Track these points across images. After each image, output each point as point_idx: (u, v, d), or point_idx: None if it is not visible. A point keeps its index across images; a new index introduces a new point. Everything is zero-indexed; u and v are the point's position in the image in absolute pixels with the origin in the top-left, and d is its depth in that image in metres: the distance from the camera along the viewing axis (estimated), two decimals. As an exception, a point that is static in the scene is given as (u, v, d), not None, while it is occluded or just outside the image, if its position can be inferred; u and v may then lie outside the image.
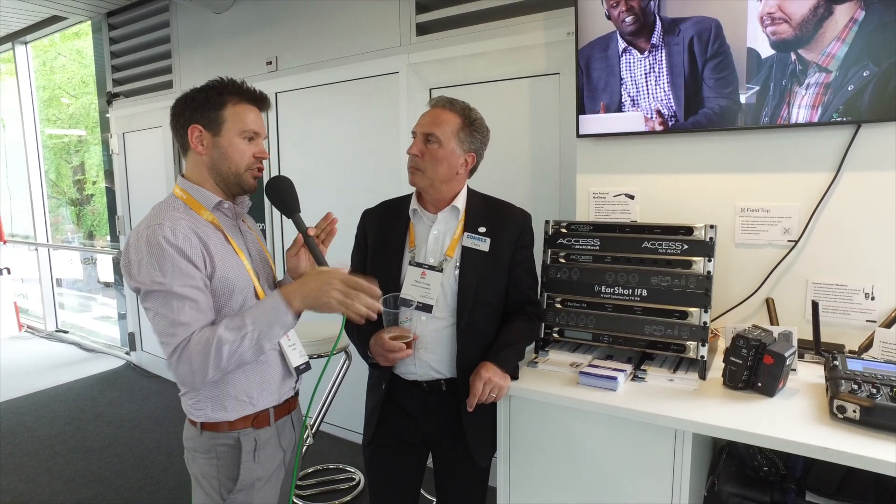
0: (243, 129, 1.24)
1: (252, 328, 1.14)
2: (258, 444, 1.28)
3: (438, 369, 1.46)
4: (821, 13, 1.49)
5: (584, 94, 1.89)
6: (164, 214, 1.18)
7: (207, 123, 1.23)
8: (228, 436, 1.26)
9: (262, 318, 1.15)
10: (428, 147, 1.43)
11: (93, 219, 6.72)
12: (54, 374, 4.43)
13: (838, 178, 1.58)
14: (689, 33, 1.67)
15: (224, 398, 1.24)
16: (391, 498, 1.57)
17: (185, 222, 1.18)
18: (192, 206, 1.24)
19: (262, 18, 3.24)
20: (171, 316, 1.12)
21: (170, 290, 1.12)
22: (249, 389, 1.27)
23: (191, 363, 1.11)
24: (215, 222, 1.25)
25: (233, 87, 1.25)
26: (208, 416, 1.25)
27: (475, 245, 1.46)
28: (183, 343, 1.12)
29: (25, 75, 5.25)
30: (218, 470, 1.27)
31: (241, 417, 1.26)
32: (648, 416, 1.24)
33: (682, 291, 1.46)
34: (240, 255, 1.27)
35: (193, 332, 1.13)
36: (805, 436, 1.10)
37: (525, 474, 1.45)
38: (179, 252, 1.14)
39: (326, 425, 3.16)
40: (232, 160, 1.25)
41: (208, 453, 1.27)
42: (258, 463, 1.29)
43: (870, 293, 1.56)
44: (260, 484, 1.29)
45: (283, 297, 1.16)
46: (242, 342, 1.13)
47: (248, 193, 1.32)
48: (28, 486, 2.76)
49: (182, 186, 1.27)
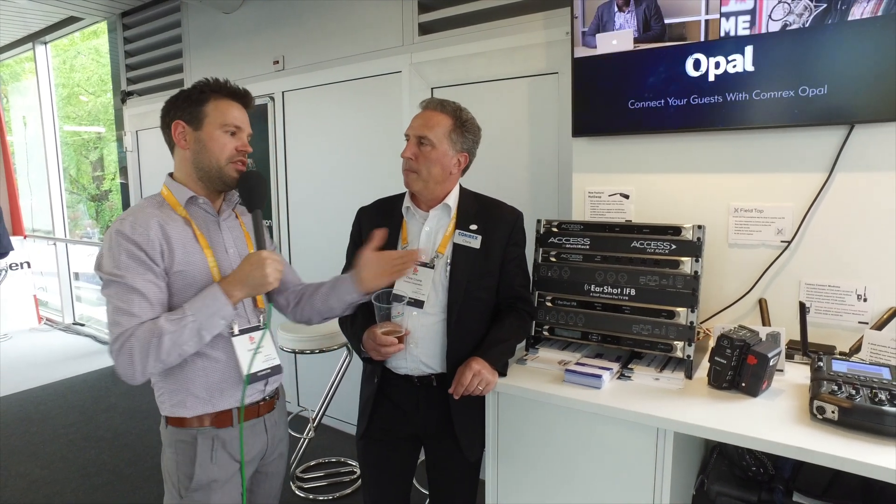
0: (224, 123, 1.27)
1: (192, 318, 1.16)
2: (215, 444, 1.27)
3: (429, 364, 1.49)
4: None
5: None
6: (136, 209, 1.23)
7: (189, 119, 1.27)
8: (188, 432, 1.27)
9: (201, 308, 1.18)
10: (421, 149, 1.46)
11: (110, 214, 6.88)
12: (70, 365, 4.56)
13: (831, 178, 1.58)
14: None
15: (183, 394, 1.26)
16: (383, 489, 1.61)
17: (154, 217, 1.22)
18: (169, 201, 1.29)
19: (269, 19, 3.29)
20: (121, 306, 1.15)
21: (122, 281, 1.15)
22: (209, 387, 1.27)
23: (131, 354, 1.12)
24: (187, 217, 1.28)
25: (215, 85, 1.29)
26: (169, 411, 1.28)
27: (466, 242, 1.49)
28: (126, 333, 1.13)
29: (45, 74, 5.38)
30: (177, 466, 1.27)
31: (199, 415, 1.26)
32: (631, 415, 1.26)
33: (670, 291, 1.47)
34: (206, 251, 1.28)
35: (138, 324, 1.15)
36: (782, 436, 1.11)
37: (513, 469, 1.48)
38: (136, 245, 1.17)
39: (328, 419, 3.21)
40: (212, 153, 1.27)
41: (170, 448, 1.29)
42: (215, 464, 1.27)
43: (862, 295, 1.56)
44: (217, 485, 1.27)
45: (221, 288, 1.20)
46: (182, 332, 1.15)
47: (230, 188, 1.33)
48: (43, 473, 2.86)
49: (166, 183, 1.32)
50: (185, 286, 1.23)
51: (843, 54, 1.49)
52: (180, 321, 1.15)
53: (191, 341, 1.17)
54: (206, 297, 1.20)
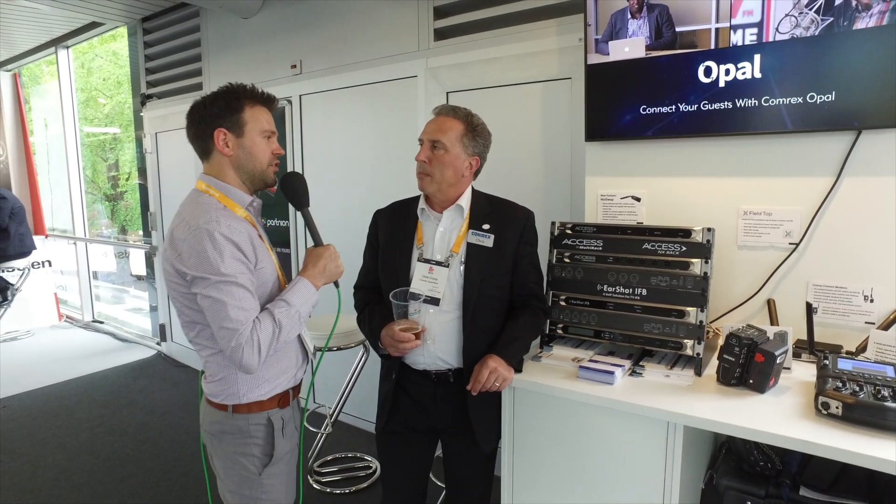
0: (262, 129, 1.37)
1: (296, 309, 1.32)
2: (284, 421, 1.43)
3: (446, 359, 1.55)
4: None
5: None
6: (213, 212, 1.28)
7: (231, 126, 1.34)
8: (261, 416, 1.39)
9: (299, 299, 1.33)
10: (435, 153, 1.52)
11: (125, 214, 7.01)
12: (91, 361, 4.68)
13: (839, 182, 1.62)
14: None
15: (258, 381, 1.37)
16: (401, 483, 1.68)
17: (234, 219, 1.31)
18: (227, 204, 1.35)
19: (286, 24, 3.37)
20: (235, 304, 1.24)
21: (233, 280, 1.24)
22: (277, 373, 1.41)
23: (259, 347, 1.25)
24: (249, 219, 1.37)
25: (246, 92, 1.37)
26: (240, 399, 1.37)
27: (480, 241, 1.55)
28: (248, 328, 1.24)
29: (66, 77, 5.52)
30: (254, 448, 1.39)
31: (270, 398, 1.39)
32: (641, 409, 1.32)
33: (680, 291, 1.52)
34: (269, 249, 1.40)
35: (255, 319, 1.27)
36: (787, 430, 1.16)
37: (528, 462, 1.54)
38: (236, 246, 1.27)
39: (345, 415, 3.28)
40: (257, 158, 1.38)
41: (242, 433, 1.38)
42: (286, 438, 1.43)
43: (869, 295, 1.60)
44: (288, 457, 1.44)
45: (309, 280, 1.37)
46: (292, 322, 1.31)
47: (270, 187, 1.45)
48: (71, 464, 2.96)
49: (212, 185, 1.36)
50: (261, 283, 1.34)
51: (850, 62, 1.53)
52: (288, 312, 1.30)
53: (294, 329, 1.33)
54: (300, 289, 1.35)
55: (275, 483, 1.41)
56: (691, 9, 1.75)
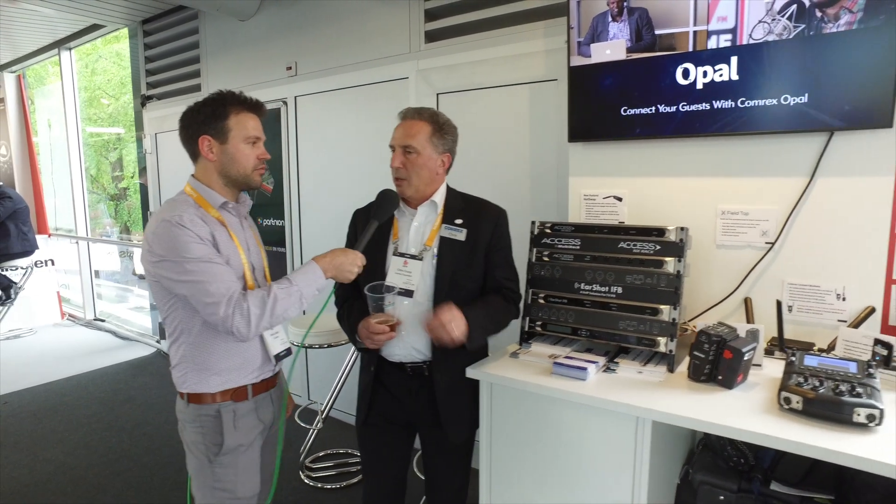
0: (247, 136, 1.42)
1: (297, 288, 1.37)
2: (237, 415, 1.45)
3: (420, 350, 1.59)
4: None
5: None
6: (178, 207, 1.37)
7: (215, 133, 1.40)
8: (211, 407, 1.43)
9: (303, 280, 1.39)
10: (408, 158, 1.56)
11: (129, 213, 7.09)
12: (92, 359, 4.75)
13: (812, 183, 1.65)
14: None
15: (206, 373, 1.42)
16: (381, 475, 1.72)
17: (196, 214, 1.37)
18: (200, 203, 1.42)
19: (282, 26, 3.42)
20: (210, 279, 1.30)
21: (202, 258, 1.31)
22: (230, 367, 1.44)
23: (248, 316, 1.30)
24: (220, 218, 1.43)
25: (234, 98, 1.42)
26: (192, 388, 1.43)
27: (452, 235, 1.59)
28: (234, 297, 1.30)
29: (69, 78, 5.59)
30: (203, 437, 1.44)
31: (221, 391, 1.43)
32: (611, 404, 1.35)
33: (654, 289, 1.55)
34: (238, 247, 1.44)
35: (242, 290, 1.32)
36: (748, 423, 1.19)
37: (505, 457, 1.57)
38: (196, 236, 1.33)
39: (337, 412, 3.33)
40: (240, 164, 1.44)
41: (194, 423, 1.44)
42: (239, 431, 1.46)
43: (841, 294, 1.62)
44: (242, 449, 1.47)
45: (318, 264, 1.42)
46: (290, 298, 1.36)
47: (255, 189, 1.52)
48: (69, 459, 3.02)
49: (193, 186, 1.45)
50: None
51: (822, 65, 1.56)
52: (288, 289, 1.36)
53: (294, 307, 1.37)
54: (306, 270, 1.41)
55: (227, 473, 1.45)
56: (670, 12, 1.78)
